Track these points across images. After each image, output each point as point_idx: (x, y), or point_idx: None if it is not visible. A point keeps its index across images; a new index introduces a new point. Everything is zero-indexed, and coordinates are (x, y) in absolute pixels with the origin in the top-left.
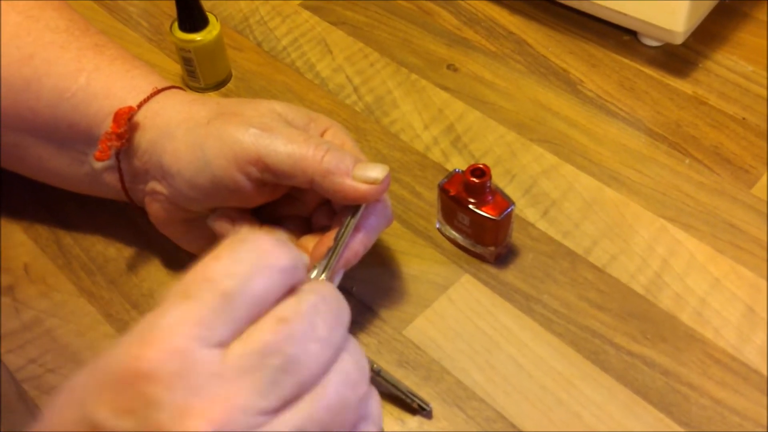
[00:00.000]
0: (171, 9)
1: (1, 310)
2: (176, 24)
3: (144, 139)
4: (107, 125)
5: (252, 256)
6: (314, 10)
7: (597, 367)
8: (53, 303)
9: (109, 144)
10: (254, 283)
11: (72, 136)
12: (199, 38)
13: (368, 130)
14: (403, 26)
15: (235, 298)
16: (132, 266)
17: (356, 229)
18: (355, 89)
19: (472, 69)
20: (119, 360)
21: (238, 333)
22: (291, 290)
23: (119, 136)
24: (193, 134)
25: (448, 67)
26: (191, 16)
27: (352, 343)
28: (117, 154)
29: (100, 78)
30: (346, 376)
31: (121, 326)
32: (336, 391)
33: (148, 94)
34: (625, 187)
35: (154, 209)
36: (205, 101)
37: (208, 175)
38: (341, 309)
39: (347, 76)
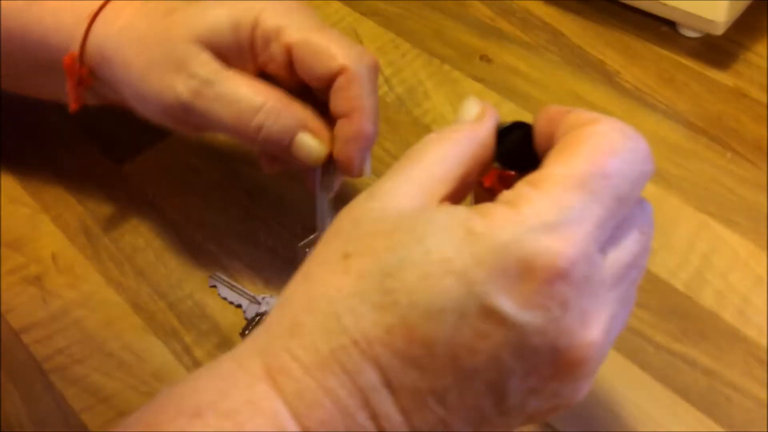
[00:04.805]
0: None
1: (29, 299)
2: None
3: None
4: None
5: (639, 160)
6: (345, 1)
7: (636, 366)
8: (81, 293)
9: (74, 93)
10: (637, 190)
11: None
12: None
13: (400, 122)
14: (436, 16)
15: (624, 204)
16: (160, 257)
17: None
18: (386, 80)
19: (506, 60)
20: (533, 250)
21: (612, 235)
22: None
23: (81, 82)
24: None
25: (482, 58)
26: None
27: None
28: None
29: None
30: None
31: (149, 317)
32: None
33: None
34: (664, 181)
35: None
36: (132, 45)
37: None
38: None
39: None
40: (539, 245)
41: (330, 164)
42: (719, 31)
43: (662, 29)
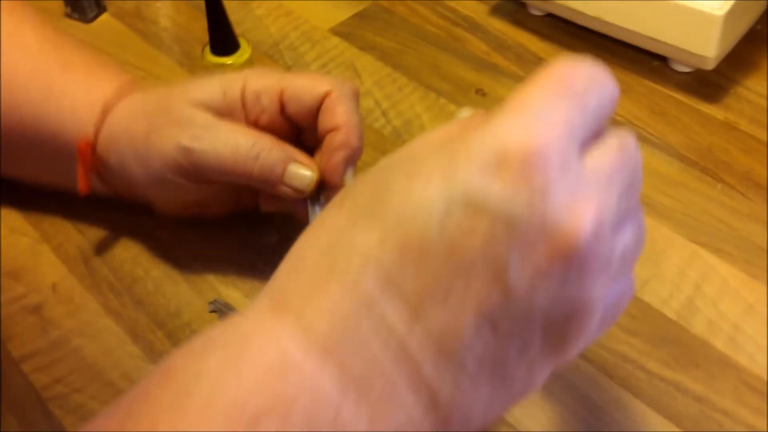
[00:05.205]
0: (202, 34)
1: (29, 329)
2: (208, 48)
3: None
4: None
5: (598, 76)
6: (344, 36)
7: (629, 393)
8: (80, 322)
9: (86, 178)
10: (605, 103)
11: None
12: (230, 62)
13: None
14: (432, 51)
15: (591, 111)
16: (159, 286)
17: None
18: (384, 113)
19: (500, 94)
20: (505, 137)
21: (585, 144)
22: None
23: (92, 167)
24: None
25: (477, 92)
26: (223, 41)
27: None
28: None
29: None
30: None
31: (147, 346)
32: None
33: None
34: (656, 212)
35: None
36: (138, 119)
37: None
38: None
39: (376, 101)
40: (511, 133)
41: (318, 194)
42: (710, 66)
43: (654, 64)
